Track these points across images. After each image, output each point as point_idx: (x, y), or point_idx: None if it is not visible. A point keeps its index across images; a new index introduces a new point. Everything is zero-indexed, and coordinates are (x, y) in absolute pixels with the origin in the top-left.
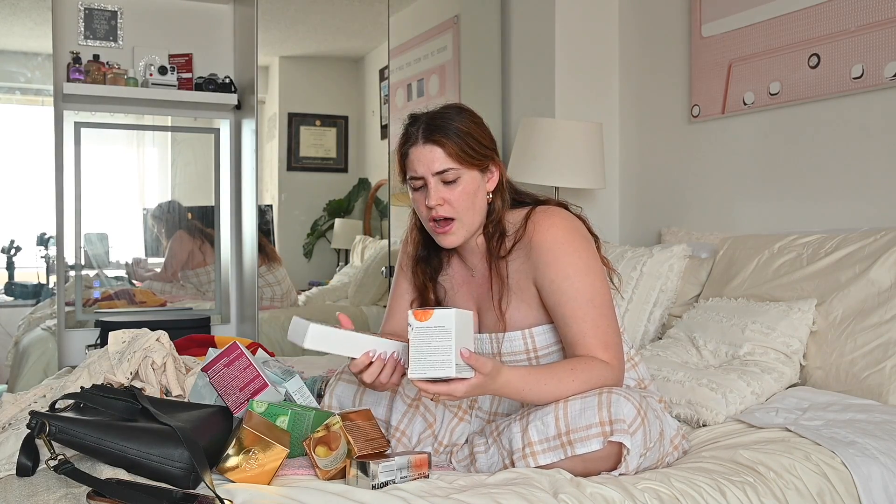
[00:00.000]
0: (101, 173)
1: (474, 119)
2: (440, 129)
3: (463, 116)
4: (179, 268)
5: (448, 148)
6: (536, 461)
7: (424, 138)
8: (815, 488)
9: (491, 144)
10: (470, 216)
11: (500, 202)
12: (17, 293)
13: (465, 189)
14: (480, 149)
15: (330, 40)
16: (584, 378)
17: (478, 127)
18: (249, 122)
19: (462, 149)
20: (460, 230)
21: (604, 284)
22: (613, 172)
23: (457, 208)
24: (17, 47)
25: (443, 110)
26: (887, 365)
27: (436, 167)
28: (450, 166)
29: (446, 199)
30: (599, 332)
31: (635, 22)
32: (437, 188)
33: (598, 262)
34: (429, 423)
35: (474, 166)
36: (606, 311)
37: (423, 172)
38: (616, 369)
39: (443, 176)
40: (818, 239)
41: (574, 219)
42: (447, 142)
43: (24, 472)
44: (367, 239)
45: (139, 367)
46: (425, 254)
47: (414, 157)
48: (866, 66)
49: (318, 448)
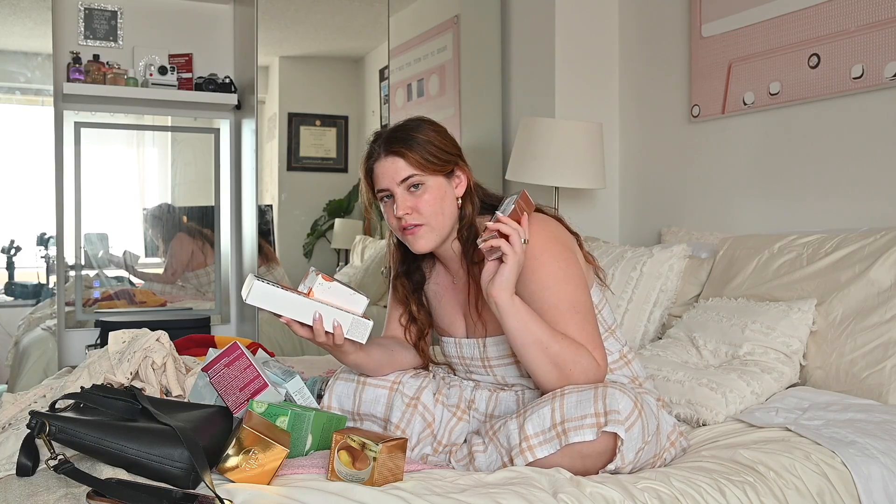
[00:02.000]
0: (101, 173)
1: (435, 128)
2: (400, 141)
3: (423, 127)
4: (182, 269)
5: (409, 157)
6: (534, 454)
7: (386, 151)
8: (815, 488)
9: (454, 150)
10: (439, 221)
11: (470, 206)
12: (17, 293)
13: (432, 195)
14: (443, 155)
15: (330, 40)
16: (571, 346)
17: (438, 135)
18: (249, 122)
19: (423, 156)
20: (429, 234)
21: (584, 292)
22: (613, 172)
23: (424, 214)
24: (17, 47)
25: (403, 123)
26: (887, 365)
27: (399, 176)
28: (413, 173)
29: (413, 207)
30: (584, 336)
31: (635, 22)
32: (403, 197)
33: (577, 268)
34: (427, 423)
35: (438, 172)
36: (590, 318)
37: (387, 185)
38: (602, 368)
39: (407, 183)
40: (818, 239)
41: (553, 224)
42: (407, 151)
43: (24, 471)
44: (366, 239)
45: (139, 368)
46: (405, 269)
47: (379, 171)
48: (866, 67)
49: (342, 453)
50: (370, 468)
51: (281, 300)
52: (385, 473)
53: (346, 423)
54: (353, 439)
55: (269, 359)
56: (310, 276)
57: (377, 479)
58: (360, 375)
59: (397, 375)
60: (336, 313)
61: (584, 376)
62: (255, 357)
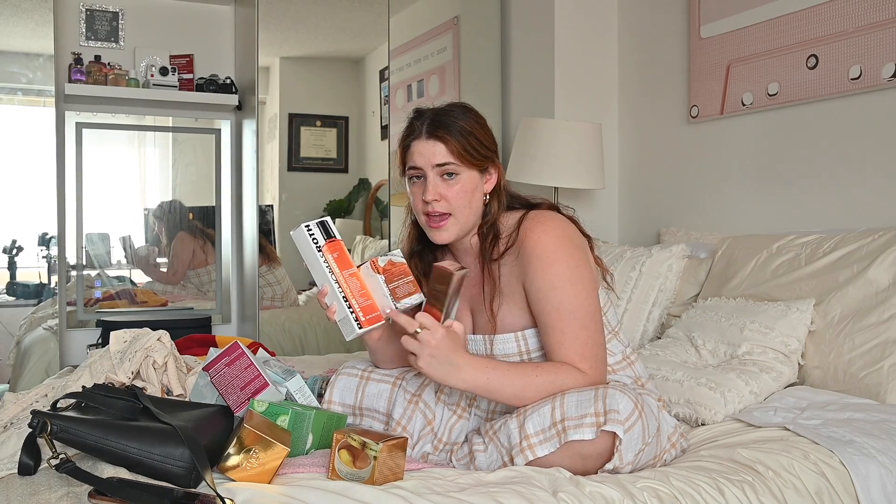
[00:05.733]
0: (103, 174)
1: (478, 120)
2: (444, 126)
3: (468, 116)
4: (184, 268)
5: (450, 145)
6: (534, 453)
7: (428, 133)
8: (814, 487)
9: (492, 146)
10: (465, 214)
11: (496, 205)
12: (19, 293)
13: (463, 187)
14: (482, 149)
15: (330, 41)
16: (549, 377)
17: (481, 128)
18: (250, 123)
19: (464, 147)
20: (453, 227)
21: (590, 295)
22: (613, 173)
23: (453, 205)
24: (18, 48)
25: (448, 107)
26: (885, 364)
27: (436, 160)
28: (450, 161)
29: (443, 195)
30: (578, 343)
31: (634, 23)
32: (435, 182)
33: (587, 271)
34: (428, 420)
35: (474, 166)
36: (589, 324)
37: (422, 164)
38: (591, 379)
39: (442, 170)
40: (816, 239)
41: (567, 224)
42: (450, 138)
43: (26, 471)
44: (367, 239)
45: (140, 367)
46: (419, 248)
47: (416, 149)
48: (864, 67)
49: (343, 452)
50: (371, 467)
51: (310, 254)
52: (385, 472)
53: (346, 421)
54: (354, 438)
55: (269, 358)
56: (383, 255)
57: (377, 478)
58: (364, 370)
59: (401, 371)
60: (339, 299)
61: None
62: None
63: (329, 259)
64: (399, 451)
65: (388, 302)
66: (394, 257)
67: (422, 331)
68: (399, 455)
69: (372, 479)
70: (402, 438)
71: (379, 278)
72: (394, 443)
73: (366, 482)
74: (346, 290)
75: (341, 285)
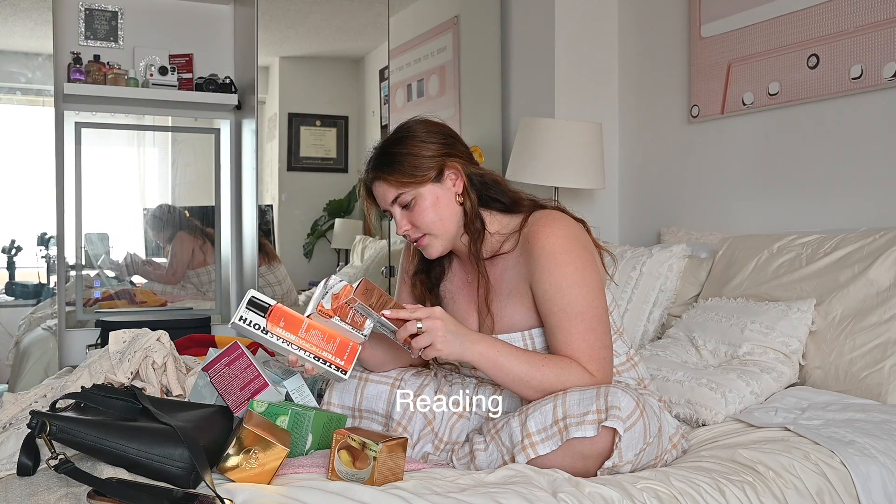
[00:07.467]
0: (102, 173)
1: (414, 133)
2: (379, 165)
3: (404, 139)
4: (184, 269)
5: (390, 180)
6: (536, 451)
7: (371, 178)
8: (815, 487)
9: (438, 151)
10: (441, 227)
11: (468, 202)
12: (18, 293)
13: (424, 206)
14: (425, 162)
15: (330, 41)
16: (555, 370)
17: (419, 141)
18: (250, 123)
19: (402, 173)
20: (436, 241)
21: (597, 297)
22: (613, 172)
23: (421, 226)
24: (17, 48)
25: (389, 137)
26: (886, 364)
27: (388, 198)
28: (398, 192)
29: (411, 222)
30: (586, 345)
31: (635, 22)
32: (399, 215)
33: (594, 272)
34: (428, 420)
35: (423, 181)
36: (596, 326)
37: (384, 206)
38: (598, 380)
39: (398, 202)
40: (817, 239)
41: (575, 225)
42: (386, 175)
43: (25, 471)
44: (367, 239)
45: (140, 367)
46: (424, 266)
47: (374, 194)
48: (865, 67)
49: (343, 452)
50: (370, 467)
51: (259, 339)
52: (385, 473)
53: (346, 422)
54: (354, 439)
55: (269, 358)
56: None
57: (377, 479)
58: (363, 372)
59: (399, 372)
60: (311, 360)
61: (577, 384)
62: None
63: (278, 333)
64: (399, 451)
65: (356, 335)
66: (334, 290)
67: (422, 323)
68: (399, 455)
69: (372, 479)
70: (402, 439)
71: (334, 320)
72: (394, 443)
73: (365, 482)
74: (312, 350)
75: (305, 348)
